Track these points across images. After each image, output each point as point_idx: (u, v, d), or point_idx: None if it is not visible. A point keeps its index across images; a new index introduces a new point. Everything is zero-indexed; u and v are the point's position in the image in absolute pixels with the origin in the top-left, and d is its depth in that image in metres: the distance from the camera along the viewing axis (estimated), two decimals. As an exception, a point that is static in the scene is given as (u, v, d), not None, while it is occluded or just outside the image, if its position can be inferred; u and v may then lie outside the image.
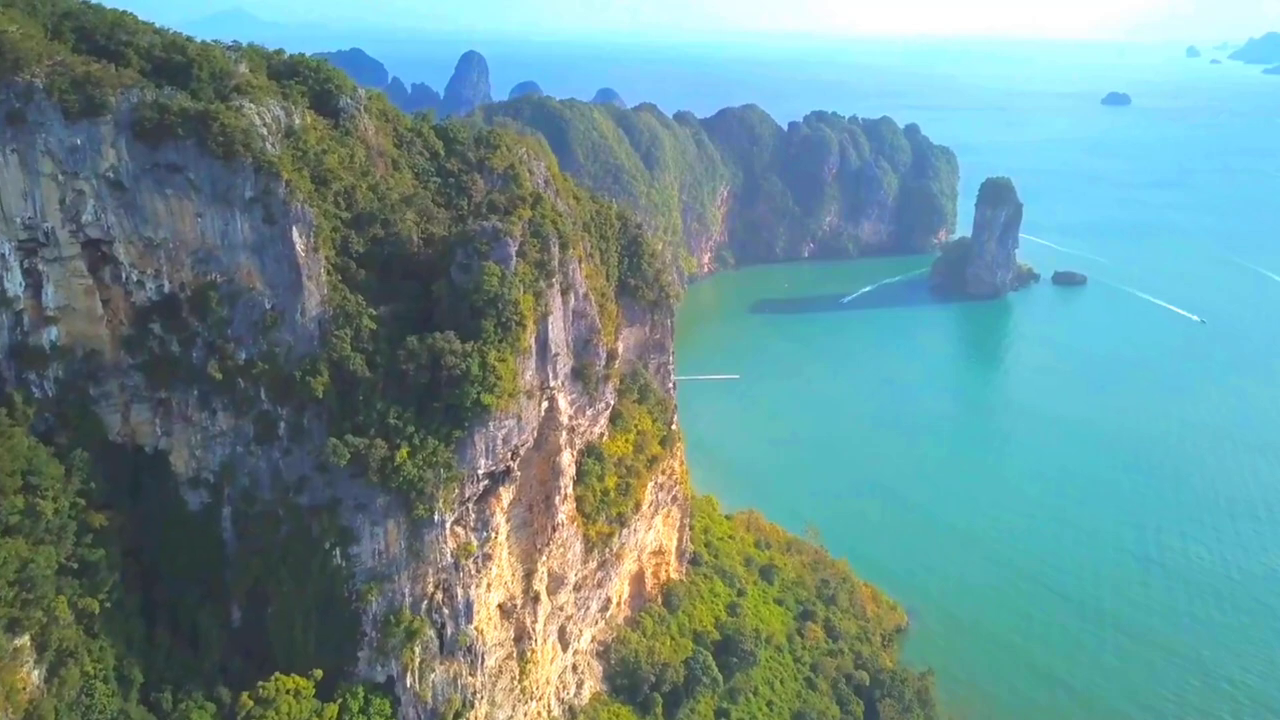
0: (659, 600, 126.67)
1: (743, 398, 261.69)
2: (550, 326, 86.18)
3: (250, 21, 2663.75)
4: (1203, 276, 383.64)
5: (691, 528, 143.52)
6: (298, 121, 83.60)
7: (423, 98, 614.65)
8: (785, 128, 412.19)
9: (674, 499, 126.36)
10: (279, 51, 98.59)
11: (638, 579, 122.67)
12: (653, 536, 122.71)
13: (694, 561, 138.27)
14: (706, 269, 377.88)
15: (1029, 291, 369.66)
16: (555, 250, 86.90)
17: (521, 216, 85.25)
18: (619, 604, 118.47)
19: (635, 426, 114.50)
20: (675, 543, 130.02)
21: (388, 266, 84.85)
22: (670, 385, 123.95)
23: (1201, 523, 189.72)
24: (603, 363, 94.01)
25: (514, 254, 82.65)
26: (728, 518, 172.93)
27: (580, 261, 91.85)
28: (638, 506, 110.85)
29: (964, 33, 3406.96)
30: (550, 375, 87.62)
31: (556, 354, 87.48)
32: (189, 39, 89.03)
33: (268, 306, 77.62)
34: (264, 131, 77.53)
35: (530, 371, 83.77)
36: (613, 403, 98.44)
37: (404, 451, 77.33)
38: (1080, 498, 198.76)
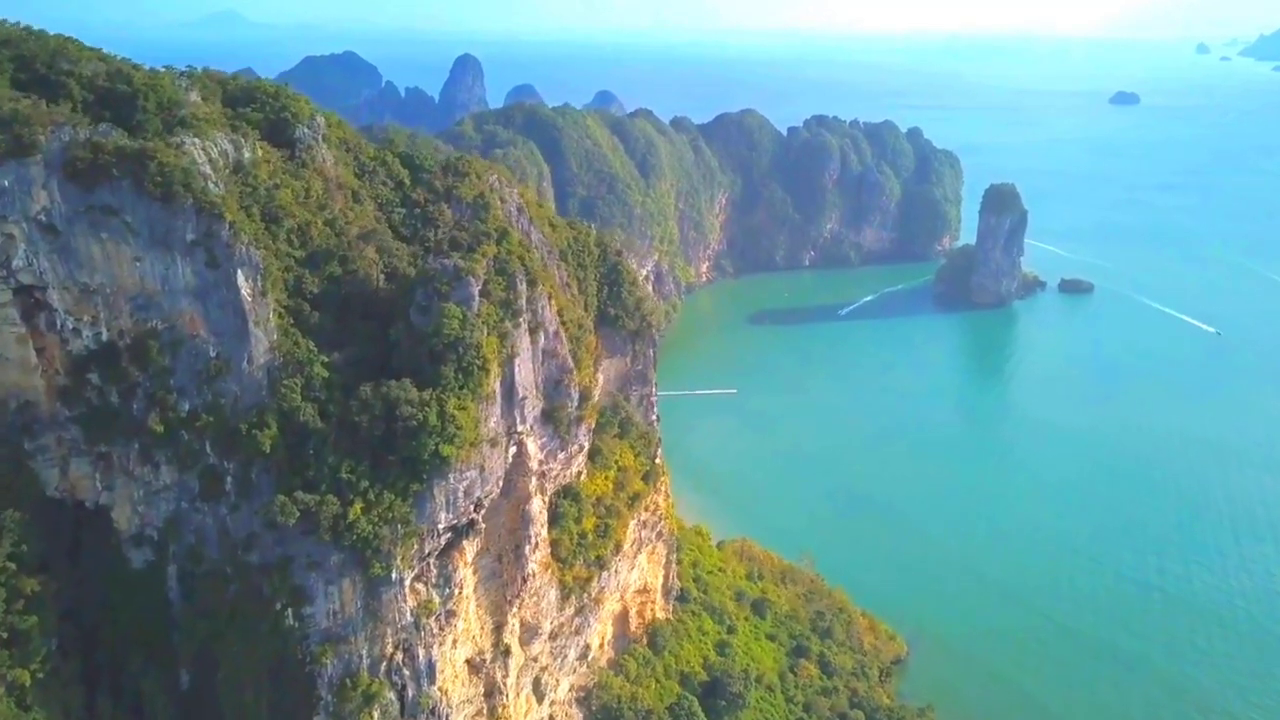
0: (644, 641, 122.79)
1: (739, 413, 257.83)
2: (517, 369, 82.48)
3: (243, 23, 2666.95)
4: (1217, 285, 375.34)
5: (679, 562, 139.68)
6: (248, 155, 79.98)
7: (417, 102, 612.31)
8: (785, 133, 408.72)
9: (659, 535, 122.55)
10: (235, 76, 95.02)
11: (621, 619, 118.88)
12: (636, 575, 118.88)
13: (681, 598, 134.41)
14: (705, 278, 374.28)
15: (1035, 300, 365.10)
16: (522, 288, 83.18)
17: (486, 253, 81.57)
18: (601, 646, 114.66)
19: (616, 463, 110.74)
20: (661, 580, 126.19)
21: (346, 307, 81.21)
22: (653, 418, 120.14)
23: (1207, 546, 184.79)
24: (575, 404, 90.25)
25: (476, 294, 78.94)
26: (720, 546, 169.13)
27: (551, 298, 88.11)
28: (618, 548, 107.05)
29: (969, 29, 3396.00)
30: (518, 420, 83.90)
31: (524, 397, 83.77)
32: (136, 66, 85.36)
33: (212, 355, 73.94)
34: (207, 170, 73.87)
35: (494, 418, 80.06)
36: (587, 445, 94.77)
37: (357, 507, 73.62)
38: (1084, 520, 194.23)
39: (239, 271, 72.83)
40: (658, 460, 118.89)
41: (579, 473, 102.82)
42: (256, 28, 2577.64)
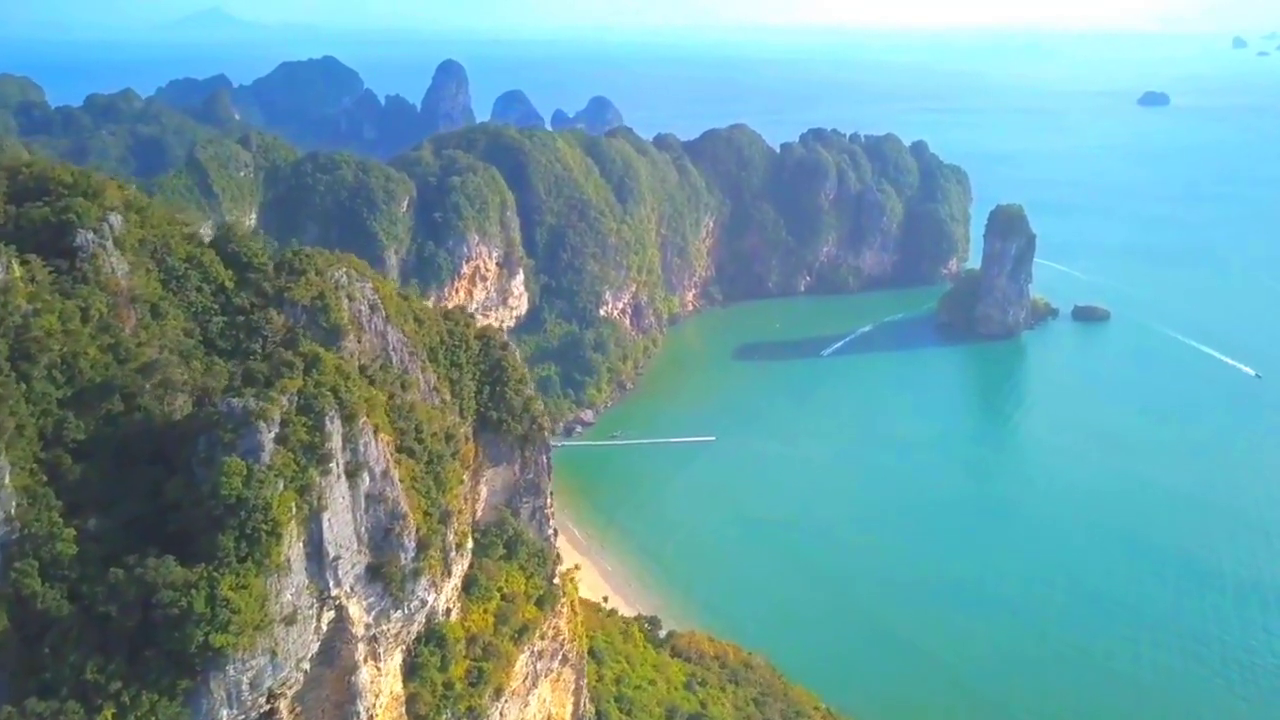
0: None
1: (715, 465, 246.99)
2: (327, 525, 71.56)
3: (228, 22, 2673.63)
4: (1256, 316, 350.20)
5: (601, 678, 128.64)
6: (2, 274, 69.49)
7: (397, 111, 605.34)
8: (778, 149, 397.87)
9: (564, 660, 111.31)
10: (30, 164, 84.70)
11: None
12: (536, 709, 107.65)
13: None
14: (691, 307, 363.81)
15: (1046, 329, 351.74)
16: (334, 426, 72.21)
17: (287, 389, 70.65)
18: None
19: (500, 590, 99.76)
20: (570, 708, 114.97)
21: (126, 453, 70.33)
22: (550, 533, 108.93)
23: (1222, 640, 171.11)
24: (411, 554, 79.33)
25: (268, 442, 68.08)
26: (667, 639, 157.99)
27: (377, 431, 77.26)
28: (499, 692, 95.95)
29: (994, 24, 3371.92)
30: (331, 583, 72.97)
31: (338, 556, 72.82)
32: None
33: (-72, 531, 63.41)
34: (-77, 305, 63.40)
35: (291, 590, 69.21)
36: (430, 600, 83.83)
37: (107, 713, 62.81)
38: (1087, 607, 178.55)
39: (-41, 430, 62.31)
40: (556, 580, 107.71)
41: (447, 610, 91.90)
42: (243, 27, 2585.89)
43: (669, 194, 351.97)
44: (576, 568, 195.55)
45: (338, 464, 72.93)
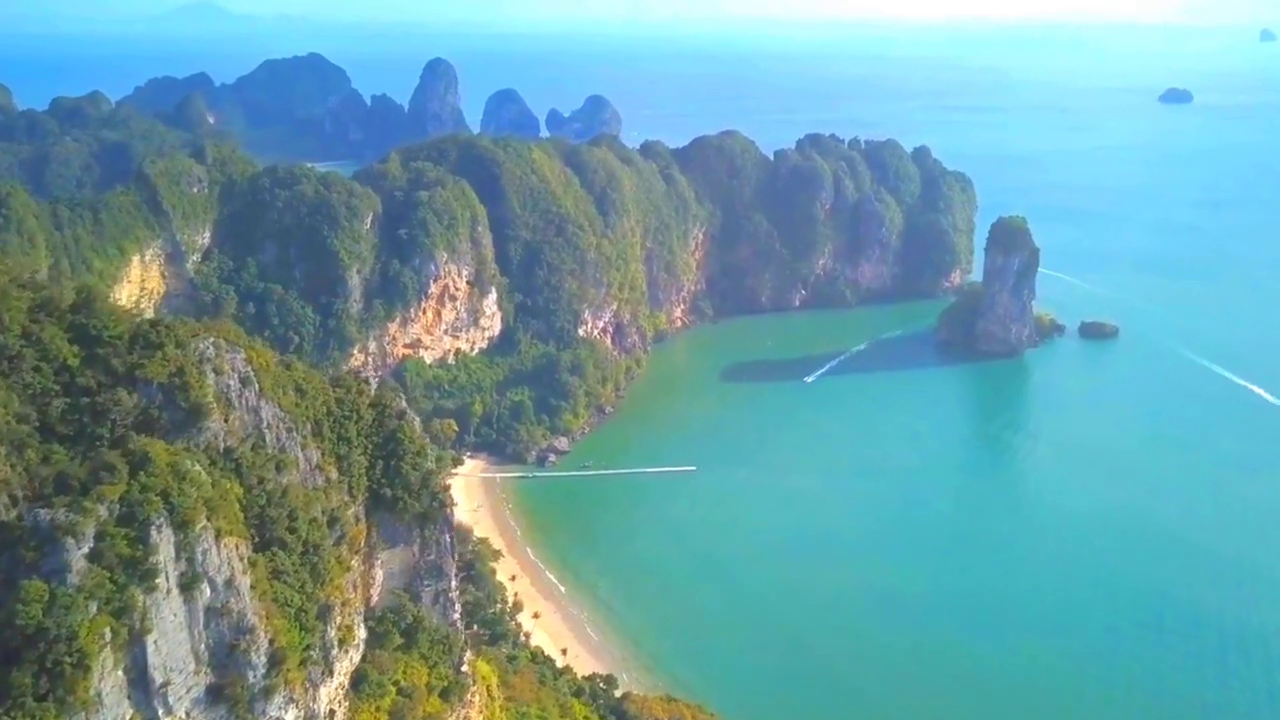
0: None
1: (694, 498, 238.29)
2: (153, 648, 64.80)
3: (221, 15, 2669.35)
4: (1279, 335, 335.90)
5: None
6: None
7: (383, 112, 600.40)
8: (772, 156, 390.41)
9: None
10: None
11: None
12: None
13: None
14: (679, 323, 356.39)
15: (1051, 347, 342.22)
16: (165, 535, 65.50)
17: (105, 496, 64.01)
18: None
19: (395, 685, 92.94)
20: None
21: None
22: (455, 618, 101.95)
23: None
24: (261, 671, 72.46)
25: (78, 561, 61.43)
26: (617, 705, 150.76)
27: (221, 535, 70.47)
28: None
29: (1015, 17, 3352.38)
30: (160, 710, 66.21)
31: (167, 682, 66.02)
32: None
33: None
34: None
35: (106, 728, 62.75)
36: (289, 717, 76.95)
37: None
38: (1085, 674, 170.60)
39: None
40: (465, 668, 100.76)
41: (330, 713, 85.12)
42: (235, 20, 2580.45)
43: (655, 205, 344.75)
44: (535, 616, 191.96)
45: (167, 578, 66.13)
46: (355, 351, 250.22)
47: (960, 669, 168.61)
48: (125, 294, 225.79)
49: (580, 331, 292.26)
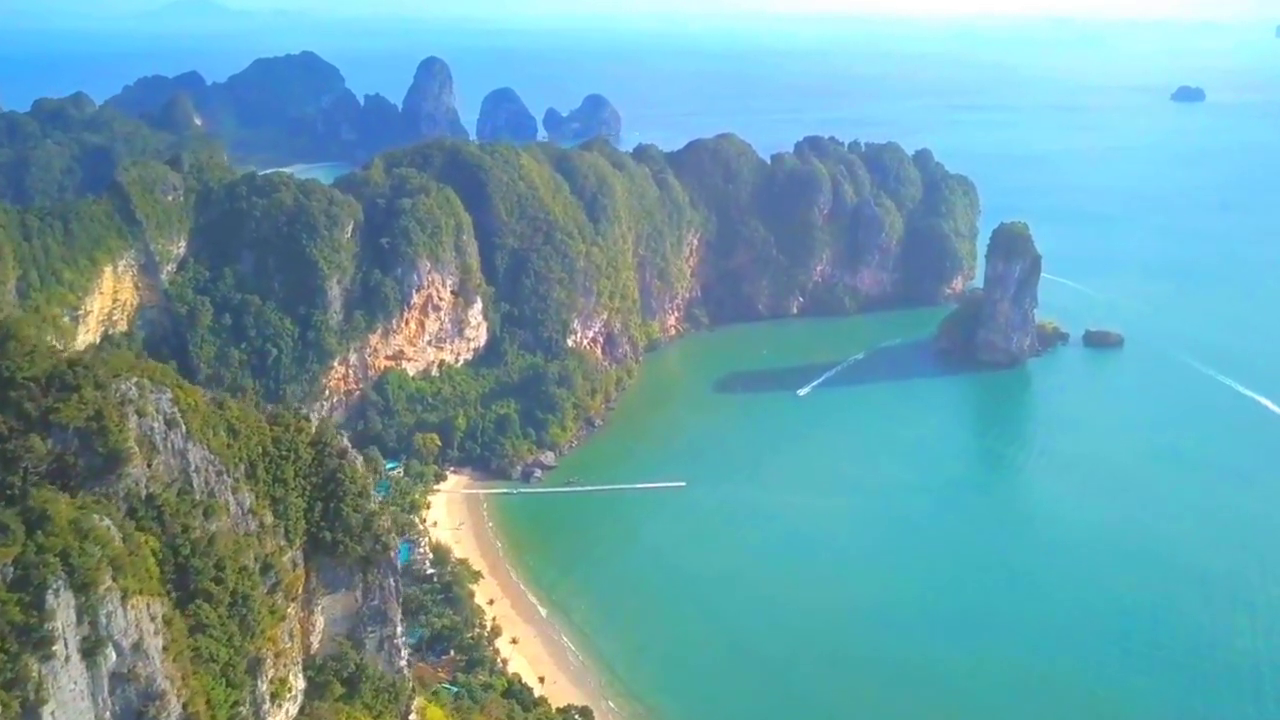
0: None
1: (682, 515, 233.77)
2: (49, 721, 61.57)
3: (216, 11, 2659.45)
4: None
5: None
6: None
7: (377, 112, 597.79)
8: (768, 159, 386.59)
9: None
10: None
11: None
12: None
13: None
14: (673, 332, 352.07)
15: (1054, 357, 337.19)
16: (64, 599, 62.05)
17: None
18: None
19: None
20: None
21: None
22: (402, 664, 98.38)
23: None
24: (176, 739, 69.14)
25: (-38, 632, 58.15)
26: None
27: (127, 596, 66.97)
28: None
29: (1025, 12, 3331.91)
30: (59, 788, 62.90)
31: (67, 757, 62.85)
32: None
33: None
34: None
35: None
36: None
37: None
38: (1082, 686, 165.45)
39: None
40: (412, 716, 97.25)
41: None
42: (231, 16, 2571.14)
43: (648, 210, 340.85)
44: (514, 641, 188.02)
45: (66, 644, 62.55)
46: (335, 364, 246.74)
47: (954, 690, 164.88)
48: (97, 306, 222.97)
49: (569, 342, 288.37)
